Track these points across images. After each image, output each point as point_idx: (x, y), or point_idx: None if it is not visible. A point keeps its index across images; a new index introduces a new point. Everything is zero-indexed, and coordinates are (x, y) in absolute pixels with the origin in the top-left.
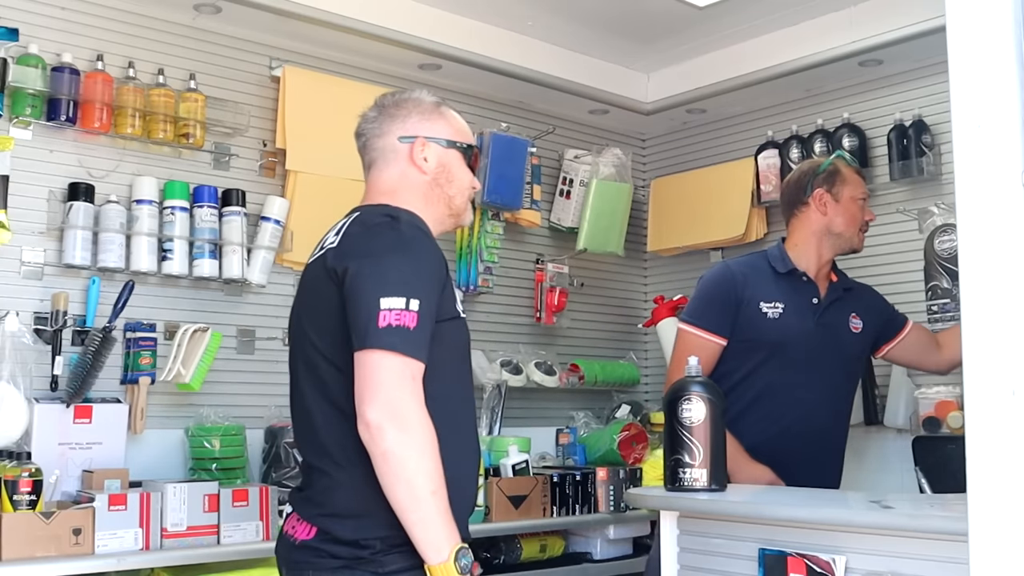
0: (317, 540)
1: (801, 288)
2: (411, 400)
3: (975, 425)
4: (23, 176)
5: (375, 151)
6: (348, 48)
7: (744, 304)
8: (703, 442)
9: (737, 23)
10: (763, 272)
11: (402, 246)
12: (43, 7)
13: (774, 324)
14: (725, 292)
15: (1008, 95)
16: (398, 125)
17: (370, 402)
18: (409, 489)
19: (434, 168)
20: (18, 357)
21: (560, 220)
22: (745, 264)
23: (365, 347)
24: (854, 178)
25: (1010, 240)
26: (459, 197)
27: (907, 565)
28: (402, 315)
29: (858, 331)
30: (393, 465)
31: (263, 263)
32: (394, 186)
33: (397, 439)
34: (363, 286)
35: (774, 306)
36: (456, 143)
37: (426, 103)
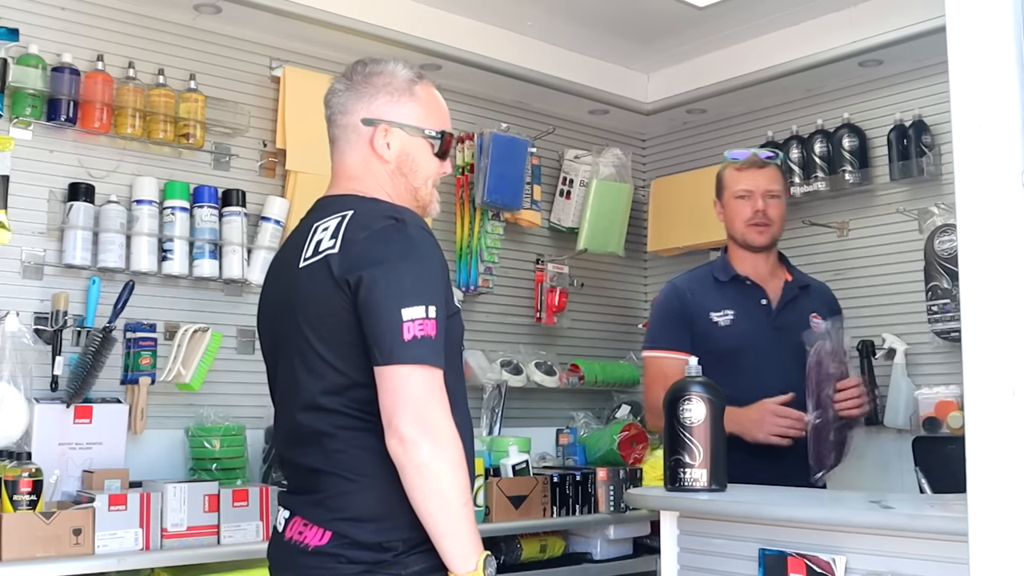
0: (333, 545)
1: (747, 292)
2: (441, 413)
3: (975, 425)
4: (23, 176)
5: (338, 128)
6: (348, 48)
7: (696, 317)
8: (703, 442)
9: (737, 23)
10: (708, 283)
11: (413, 251)
12: (43, 7)
13: (727, 332)
14: (675, 309)
15: (1008, 95)
16: (363, 105)
17: (402, 417)
18: (443, 502)
19: (396, 156)
20: (18, 357)
21: (560, 220)
22: (690, 278)
23: (392, 362)
24: (732, 175)
25: (1010, 240)
26: (423, 188)
27: (907, 565)
28: (425, 324)
29: (820, 331)
30: (427, 478)
31: (263, 263)
32: (359, 172)
33: (432, 453)
34: (382, 298)
35: (723, 314)
36: (423, 130)
37: (398, 80)
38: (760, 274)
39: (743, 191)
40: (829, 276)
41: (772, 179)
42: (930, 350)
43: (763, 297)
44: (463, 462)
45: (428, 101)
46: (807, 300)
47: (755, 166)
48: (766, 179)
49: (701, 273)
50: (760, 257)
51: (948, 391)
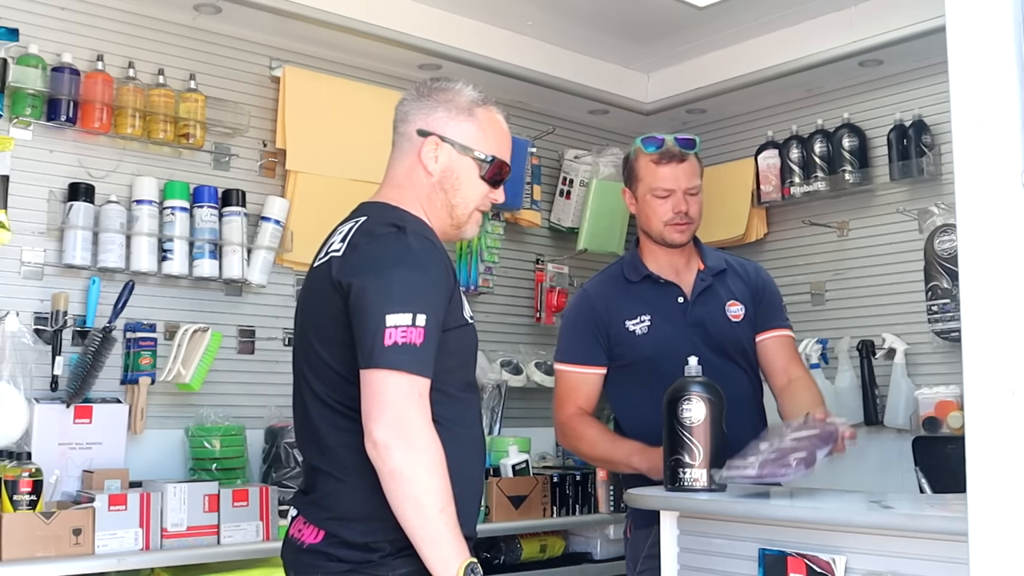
0: (325, 544)
1: (661, 292)
2: (418, 418)
3: (975, 425)
4: (23, 176)
5: (397, 135)
6: (348, 48)
7: (608, 326)
8: (703, 442)
9: (737, 23)
10: (619, 285)
11: (408, 258)
12: (43, 7)
13: (644, 340)
14: (586, 321)
15: (1008, 95)
16: (422, 116)
17: (377, 420)
18: (417, 508)
19: (440, 171)
20: (18, 357)
21: (560, 220)
22: (602, 282)
23: (371, 366)
24: (647, 167)
25: (1010, 240)
26: (462, 208)
27: (907, 565)
28: (408, 332)
29: (739, 319)
30: (401, 484)
31: (263, 263)
32: (403, 180)
33: (404, 457)
34: (368, 303)
35: (639, 320)
36: (473, 151)
37: (461, 99)
38: (675, 268)
39: (662, 190)
40: (829, 276)
41: (692, 173)
42: (930, 350)
43: (679, 295)
44: (439, 468)
45: (487, 125)
46: (721, 287)
47: (674, 159)
48: (686, 175)
49: (611, 274)
50: (676, 252)
51: (948, 391)
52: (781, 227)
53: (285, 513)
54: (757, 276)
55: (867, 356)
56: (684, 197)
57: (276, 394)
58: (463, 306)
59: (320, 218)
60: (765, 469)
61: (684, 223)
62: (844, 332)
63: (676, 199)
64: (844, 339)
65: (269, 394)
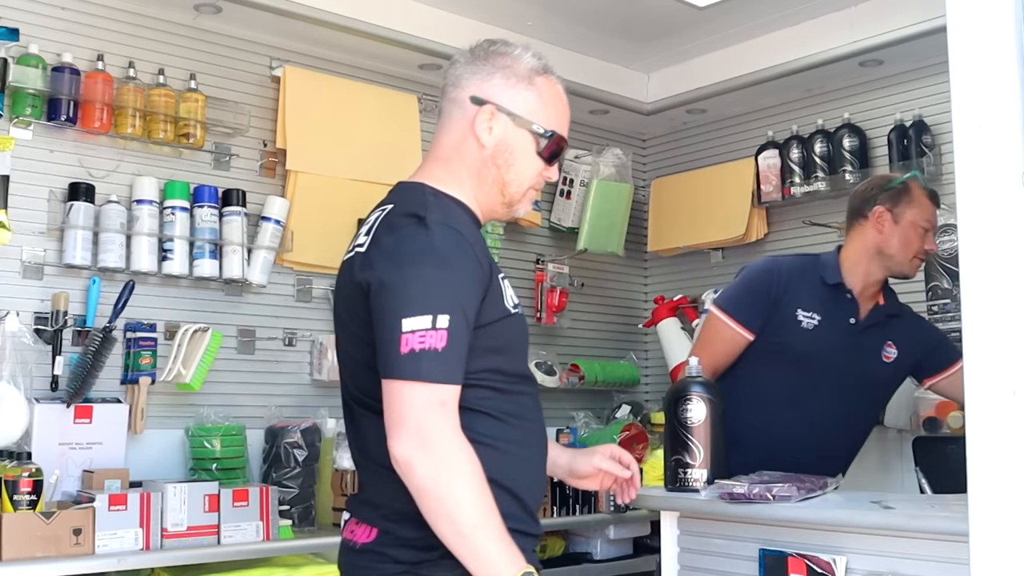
0: (379, 543)
1: (842, 303)
2: (440, 428)
3: (975, 425)
4: (23, 176)
5: (447, 101)
6: (348, 48)
7: (782, 306)
8: (703, 442)
9: (737, 23)
10: (810, 278)
11: (428, 254)
12: (43, 7)
13: (806, 334)
14: (766, 288)
15: (1009, 95)
16: (477, 82)
17: (395, 436)
18: (451, 525)
19: (494, 144)
20: (18, 357)
21: (560, 220)
22: (795, 265)
23: (387, 376)
24: (923, 202)
25: (1010, 240)
26: (515, 185)
27: (907, 565)
28: (427, 336)
29: (890, 360)
30: (429, 501)
31: (263, 263)
32: (450, 152)
33: (427, 474)
34: (384, 305)
35: (811, 316)
36: (532, 124)
37: (520, 66)
38: (864, 292)
39: (928, 223)
40: None
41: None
42: None
43: (853, 315)
44: (471, 480)
45: (548, 96)
46: (890, 328)
47: (935, 200)
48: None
49: (807, 264)
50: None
51: None
52: (781, 227)
53: (285, 513)
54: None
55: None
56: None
57: (276, 394)
58: (504, 295)
59: (320, 218)
60: (754, 491)
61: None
62: None
63: (931, 238)
64: None
65: (269, 394)
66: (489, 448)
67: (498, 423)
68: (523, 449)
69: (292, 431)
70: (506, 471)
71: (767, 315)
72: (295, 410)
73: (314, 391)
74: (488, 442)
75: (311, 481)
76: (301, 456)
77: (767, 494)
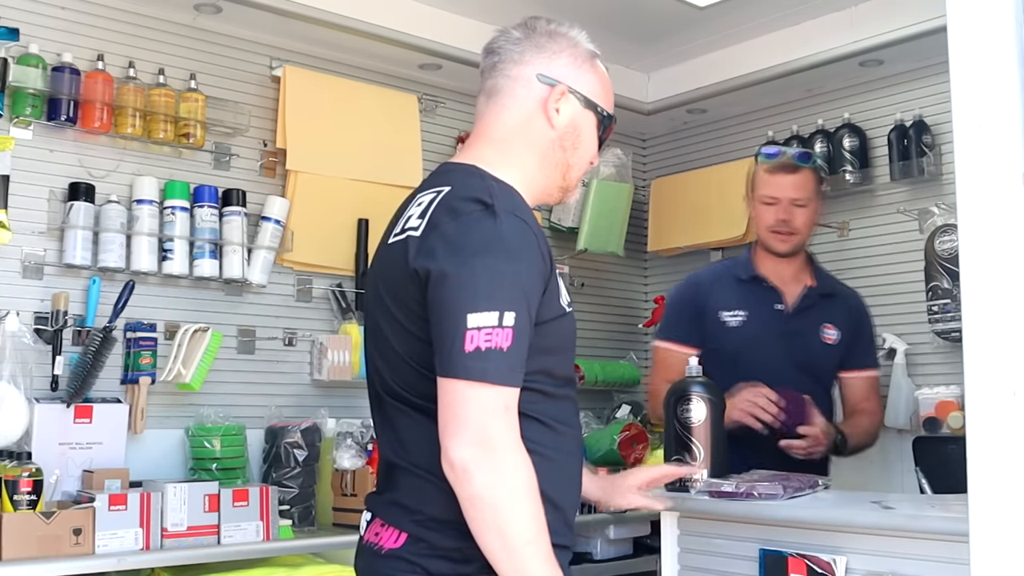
0: (408, 549)
1: (763, 295)
2: (505, 436)
3: (975, 425)
4: (23, 176)
5: (505, 78)
6: (348, 48)
7: (708, 313)
8: (703, 442)
9: (737, 23)
10: (728, 279)
11: (497, 244)
12: (43, 7)
13: (734, 332)
14: (687, 302)
15: (1009, 95)
16: (544, 60)
17: (455, 439)
18: (501, 539)
19: (564, 126)
20: (18, 357)
21: (560, 220)
22: (712, 272)
23: (449, 375)
24: (761, 177)
25: (1010, 240)
26: (577, 169)
27: (908, 566)
28: (494, 334)
29: (831, 342)
30: (482, 511)
31: (263, 263)
32: (510, 133)
33: (486, 482)
34: (447, 298)
35: (734, 314)
36: (598, 107)
37: (582, 48)
38: (781, 277)
39: (769, 198)
40: None
41: (801, 186)
42: (930, 350)
43: (778, 301)
44: (528, 493)
45: (604, 78)
46: (825, 308)
47: (785, 170)
48: (794, 186)
49: (723, 268)
50: (783, 261)
51: (948, 391)
52: None
53: (285, 513)
54: (859, 310)
55: None
56: (788, 207)
57: (276, 394)
58: (560, 292)
59: (320, 218)
60: (741, 488)
61: (785, 232)
62: None
63: (779, 208)
64: None
65: (269, 394)
66: (538, 456)
67: (547, 430)
68: (567, 457)
69: (292, 431)
70: (552, 481)
71: (698, 326)
72: (295, 410)
73: (314, 391)
74: (538, 450)
75: (311, 481)
76: (301, 456)
77: (753, 492)
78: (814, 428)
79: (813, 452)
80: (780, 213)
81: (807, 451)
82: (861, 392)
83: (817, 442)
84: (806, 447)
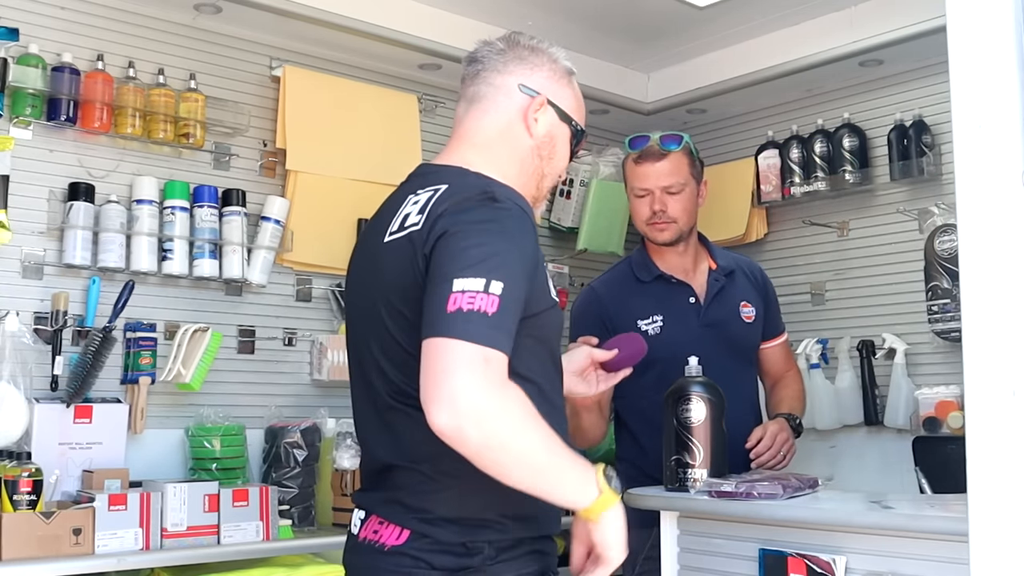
0: (411, 546)
1: (674, 292)
2: (486, 383)
3: (975, 425)
4: (23, 176)
5: (487, 86)
6: (348, 48)
7: (619, 327)
8: (703, 442)
9: (737, 23)
10: (630, 284)
11: (494, 223)
12: (43, 7)
13: (658, 341)
14: (593, 317)
15: (1009, 95)
16: (526, 71)
17: (435, 401)
18: (524, 469)
19: (542, 135)
20: (18, 357)
21: (560, 220)
22: (609, 280)
23: (427, 335)
24: (630, 168)
25: (1010, 240)
26: (549, 179)
27: (907, 565)
28: (477, 297)
29: (751, 320)
30: (494, 457)
31: (263, 263)
32: (491, 139)
33: (483, 435)
34: (439, 266)
35: (652, 321)
36: (573, 120)
37: (560, 65)
38: (684, 268)
39: (640, 189)
40: (829, 276)
41: (670, 172)
42: (930, 350)
43: (691, 295)
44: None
45: (578, 96)
46: (733, 287)
47: (652, 158)
48: (664, 173)
49: (620, 273)
50: (679, 250)
51: (948, 391)
52: (781, 227)
53: (285, 513)
54: (763, 278)
55: (867, 356)
56: (661, 196)
57: (276, 394)
58: (550, 286)
59: (320, 218)
60: (740, 488)
61: (663, 222)
62: (844, 332)
63: (653, 198)
64: (844, 339)
65: (269, 394)
66: None
67: None
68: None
69: (292, 431)
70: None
71: None
72: (295, 410)
73: (314, 391)
74: None
75: (311, 481)
76: (301, 456)
77: (752, 492)
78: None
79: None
80: (654, 204)
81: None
82: (781, 359)
83: (782, 442)
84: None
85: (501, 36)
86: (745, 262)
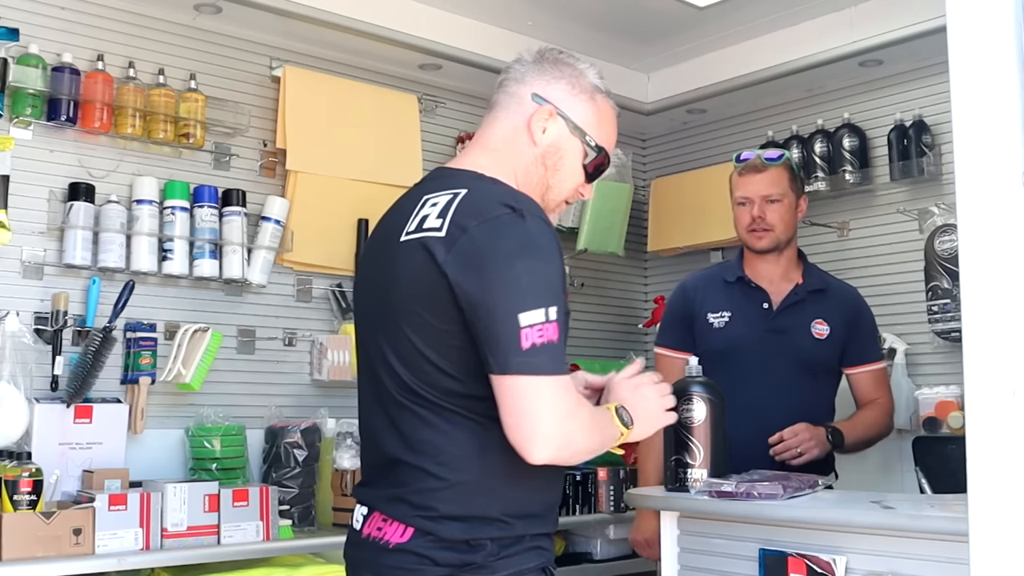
0: (415, 543)
1: (749, 295)
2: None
3: (975, 425)
4: (23, 176)
5: (505, 94)
6: (348, 48)
7: (698, 317)
8: (703, 442)
9: (737, 23)
10: (716, 283)
11: (531, 247)
12: (43, 7)
13: (719, 334)
14: (679, 308)
15: (1008, 95)
16: (542, 82)
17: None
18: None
19: (547, 145)
20: (18, 357)
21: (560, 220)
22: (702, 276)
23: (509, 372)
24: (735, 180)
25: (1010, 240)
26: (556, 191)
27: (907, 565)
28: (544, 329)
29: (823, 337)
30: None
31: (263, 263)
32: (500, 144)
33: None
34: (497, 302)
35: (720, 315)
36: (585, 134)
37: (585, 80)
38: (769, 277)
39: (741, 198)
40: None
41: (771, 183)
42: (930, 350)
43: (765, 300)
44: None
45: (603, 114)
46: (815, 304)
47: (754, 170)
48: (765, 184)
49: (712, 272)
50: (769, 260)
51: (948, 391)
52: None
53: (285, 513)
54: (856, 306)
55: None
56: (760, 204)
57: (276, 394)
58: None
59: (320, 218)
60: (740, 488)
61: (761, 230)
62: None
63: (752, 207)
64: None
65: (269, 394)
66: None
67: None
68: None
69: (292, 431)
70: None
71: (688, 331)
72: (295, 410)
73: (314, 391)
74: None
75: (311, 481)
76: (301, 456)
77: (752, 492)
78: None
79: (807, 452)
80: (753, 211)
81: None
82: (869, 386)
83: (802, 440)
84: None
85: (539, 48)
86: (841, 286)
